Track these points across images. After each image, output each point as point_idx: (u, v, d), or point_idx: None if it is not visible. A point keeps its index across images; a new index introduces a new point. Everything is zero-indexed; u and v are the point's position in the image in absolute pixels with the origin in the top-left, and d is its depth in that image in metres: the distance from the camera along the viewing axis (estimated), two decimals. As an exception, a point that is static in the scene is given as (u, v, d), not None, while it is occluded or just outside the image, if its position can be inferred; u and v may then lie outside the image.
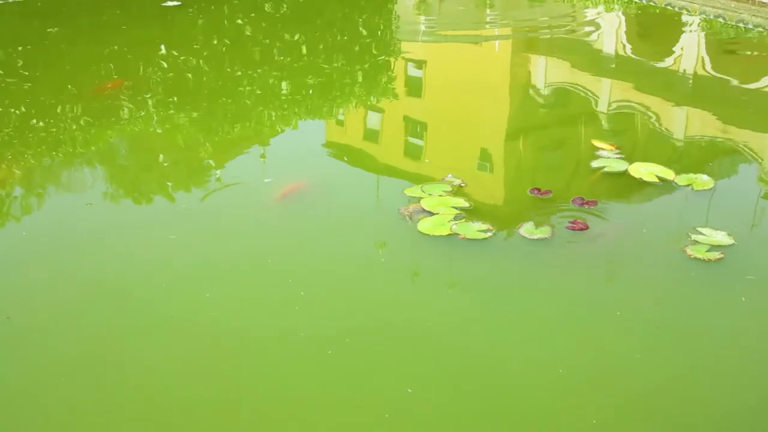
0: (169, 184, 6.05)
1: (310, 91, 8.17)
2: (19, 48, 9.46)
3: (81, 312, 4.36)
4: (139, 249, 4.99)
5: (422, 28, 11.88)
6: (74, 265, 4.84)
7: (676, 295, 4.55)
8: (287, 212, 5.51)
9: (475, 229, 5.09)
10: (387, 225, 5.25)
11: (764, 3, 10.85)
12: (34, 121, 7.16)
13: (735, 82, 8.74)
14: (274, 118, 7.46)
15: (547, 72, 9.28)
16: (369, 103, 7.98)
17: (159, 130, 7.09)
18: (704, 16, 11.14)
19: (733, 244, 4.94)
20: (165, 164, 6.54)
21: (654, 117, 7.48)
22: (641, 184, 5.79)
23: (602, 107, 7.93)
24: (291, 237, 5.15)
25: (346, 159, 6.56)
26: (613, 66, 9.44)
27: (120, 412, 3.66)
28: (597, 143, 6.46)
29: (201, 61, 9.06)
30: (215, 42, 9.95)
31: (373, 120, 7.67)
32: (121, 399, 3.73)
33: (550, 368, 3.93)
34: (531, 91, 8.72)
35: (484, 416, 3.64)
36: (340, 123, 7.60)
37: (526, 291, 4.57)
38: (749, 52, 9.84)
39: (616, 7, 12.14)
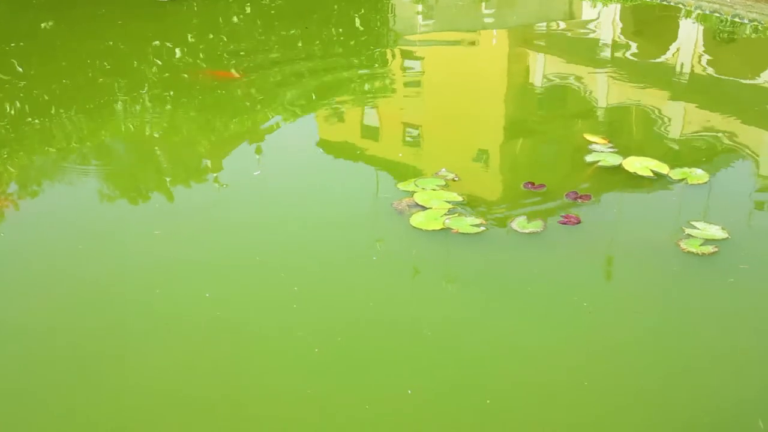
0: (164, 180, 6.04)
1: (309, 91, 8.16)
2: (12, 44, 9.45)
3: (77, 310, 4.34)
4: (132, 246, 4.97)
5: (419, 23, 11.87)
6: (69, 262, 4.82)
7: (669, 289, 4.53)
8: (280, 208, 5.50)
9: (468, 223, 5.07)
10: (380, 220, 5.23)
11: (761, -2, 10.83)
12: (30, 118, 7.14)
13: (731, 77, 8.73)
14: (269, 115, 7.45)
15: (544, 66, 9.27)
16: (365, 99, 7.96)
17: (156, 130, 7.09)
18: (700, 11, 11.13)
19: (727, 238, 4.93)
20: (160, 160, 6.52)
21: (650, 111, 7.46)
22: (635, 178, 5.78)
23: (599, 102, 7.92)
24: (283, 233, 5.13)
25: (340, 154, 6.53)
26: (610, 60, 9.42)
27: (118, 408, 3.64)
28: (589, 137, 6.45)
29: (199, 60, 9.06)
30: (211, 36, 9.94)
31: (369, 115, 7.64)
32: (120, 395, 3.71)
33: (544, 363, 3.91)
34: (527, 85, 8.70)
35: (479, 412, 3.62)
36: (336, 119, 7.57)
37: (519, 285, 4.55)
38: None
39: (613, 2, 12.13)
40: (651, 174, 5.81)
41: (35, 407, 3.65)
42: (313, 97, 7.91)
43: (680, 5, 11.50)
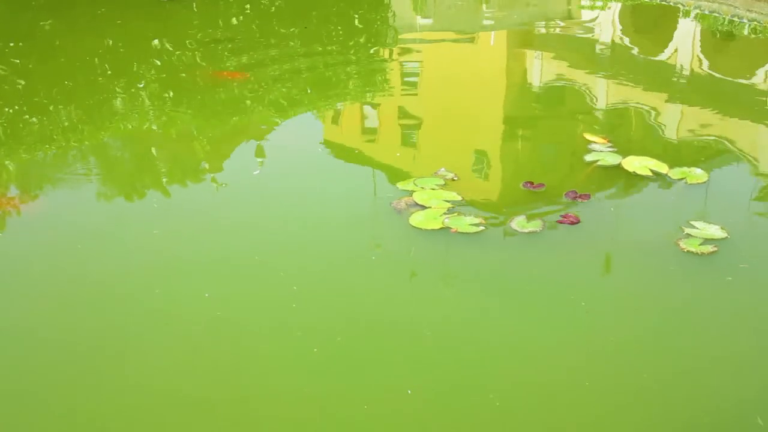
0: (163, 179, 6.03)
1: (308, 91, 8.16)
2: (11, 44, 9.44)
3: (76, 309, 4.33)
4: (132, 245, 4.97)
5: (418, 22, 11.88)
6: (69, 261, 4.82)
7: (669, 288, 4.53)
8: (279, 207, 5.49)
9: (467, 222, 5.07)
10: (379, 219, 5.23)
11: (760, -2, 10.84)
12: (28, 117, 7.14)
13: (730, 77, 8.73)
14: (268, 114, 7.45)
15: (543, 65, 9.27)
16: (364, 98, 7.97)
17: (154, 125, 7.08)
18: (699, 11, 11.14)
19: (727, 237, 4.93)
20: (159, 160, 6.52)
21: (649, 111, 7.47)
22: (635, 177, 5.78)
23: (597, 101, 7.92)
24: (282, 232, 5.12)
25: (339, 153, 6.54)
26: (609, 60, 9.43)
27: (118, 407, 3.64)
28: (589, 137, 6.45)
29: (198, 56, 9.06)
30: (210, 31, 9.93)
31: (369, 115, 7.65)
32: (120, 395, 3.71)
33: (543, 363, 3.91)
34: (526, 85, 8.70)
35: (479, 412, 3.61)
36: (335, 118, 7.58)
37: (518, 285, 4.55)
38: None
39: (613, 2, 12.13)
40: (650, 173, 5.81)
41: (36, 407, 3.64)
42: (313, 97, 7.91)
43: (679, 5, 11.50)
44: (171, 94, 7.84)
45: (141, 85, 7.92)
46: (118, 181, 6.06)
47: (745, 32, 10.28)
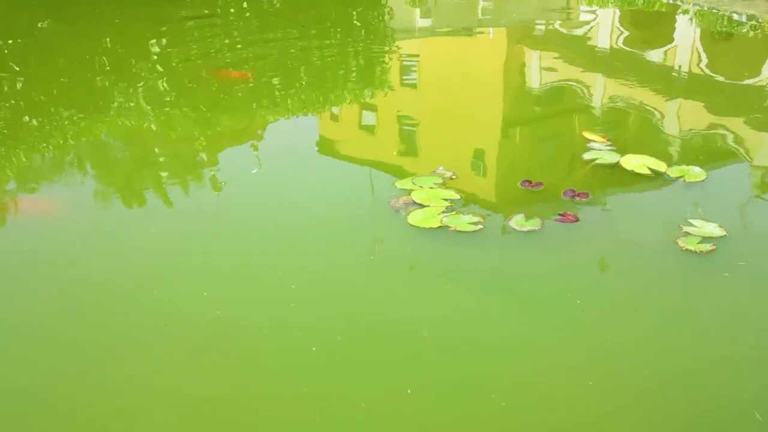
0: (162, 178, 6.03)
1: (307, 90, 8.16)
2: (10, 42, 9.44)
3: (76, 309, 4.33)
4: (130, 245, 4.97)
5: (417, 21, 11.88)
6: (67, 261, 4.82)
7: (668, 287, 4.53)
8: (276, 206, 5.50)
9: (465, 221, 5.08)
10: (377, 218, 5.23)
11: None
12: (27, 117, 7.14)
13: (728, 75, 8.74)
14: (266, 113, 7.44)
15: (542, 64, 9.27)
16: (362, 96, 7.96)
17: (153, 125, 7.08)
18: (698, 8, 11.14)
19: (725, 235, 4.93)
20: (156, 159, 6.52)
21: (647, 109, 7.47)
22: (633, 175, 5.78)
23: (596, 100, 7.93)
24: (280, 231, 5.13)
25: (337, 152, 6.54)
26: (607, 58, 9.43)
27: (118, 407, 3.64)
28: (588, 135, 6.46)
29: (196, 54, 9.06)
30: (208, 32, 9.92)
31: (367, 113, 7.65)
32: (119, 394, 3.71)
33: (543, 362, 3.91)
34: (524, 83, 8.70)
35: (479, 412, 3.62)
36: (333, 117, 7.58)
37: (517, 284, 4.55)
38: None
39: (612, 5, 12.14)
40: (648, 172, 5.82)
41: (36, 407, 3.64)
42: (311, 96, 7.91)
43: (678, 2, 11.50)
44: (170, 93, 7.84)
45: (139, 85, 7.92)
46: (116, 180, 6.06)
47: (744, 30, 10.28)
